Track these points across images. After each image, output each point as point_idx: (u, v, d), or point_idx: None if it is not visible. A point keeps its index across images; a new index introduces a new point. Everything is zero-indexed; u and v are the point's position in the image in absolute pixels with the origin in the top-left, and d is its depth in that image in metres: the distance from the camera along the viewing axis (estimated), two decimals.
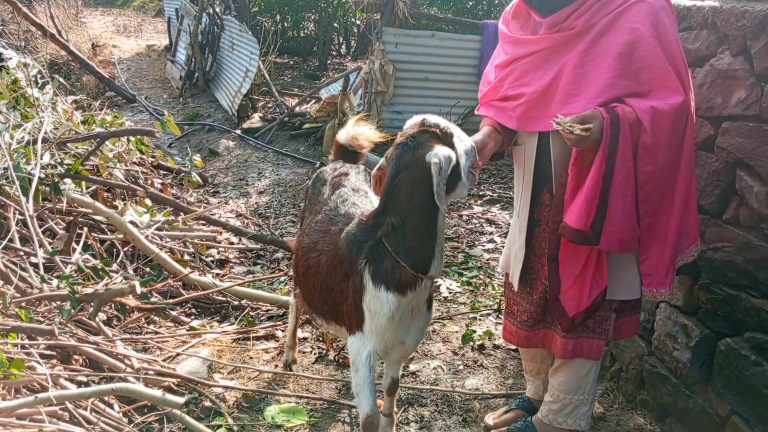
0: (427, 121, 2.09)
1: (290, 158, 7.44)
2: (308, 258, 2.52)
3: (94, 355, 2.66)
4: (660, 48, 2.06)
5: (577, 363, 2.45)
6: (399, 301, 2.15)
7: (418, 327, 2.30)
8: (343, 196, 2.64)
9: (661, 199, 2.18)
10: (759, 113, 2.27)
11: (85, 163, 4.40)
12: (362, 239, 2.21)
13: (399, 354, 2.40)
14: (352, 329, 2.32)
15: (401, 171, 2.04)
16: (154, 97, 10.57)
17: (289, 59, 13.48)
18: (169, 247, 4.24)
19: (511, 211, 5.88)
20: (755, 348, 2.33)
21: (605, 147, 2.04)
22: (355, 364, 2.31)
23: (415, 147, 2.03)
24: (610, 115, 2.03)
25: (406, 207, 2.05)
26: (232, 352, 3.39)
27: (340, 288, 2.33)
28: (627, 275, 2.30)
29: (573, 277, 2.27)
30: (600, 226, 2.10)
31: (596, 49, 2.11)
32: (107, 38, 14.48)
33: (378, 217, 2.14)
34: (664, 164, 2.11)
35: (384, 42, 7.15)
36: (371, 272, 2.16)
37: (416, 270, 2.10)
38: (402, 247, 2.09)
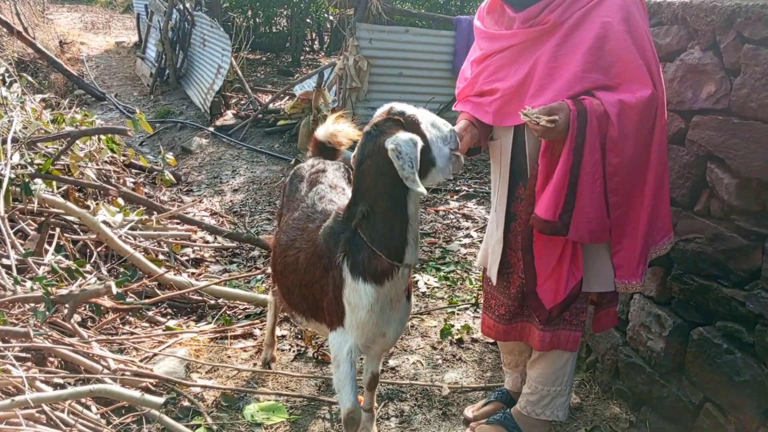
0: (393, 109, 2.10)
1: (265, 155, 7.39)
2: (286, 256, 2.51)
3: (70, 357, 2.62)
4: (631, 42, 2.10)
5: (555, 355, 2.48)
6: (377, 292, 2.16)
7: (398, 318, 2.32)
8: (321, 193, 2.64)
9: (631, 192, 2.22)
10: (728, 107, 2.32)
11: (56, 163, 4.33)
12: (339, 232, 2.22)
13: (380, 347, 2.41)
14: (333, 325, 2.32)
15: (365, 159, 2.06)
16: (124, 95, 10.41)
17: (262, 55, 13.38)
18: (144, 247, 4.19)
19: (487, 206, 5.93)
20: (727, 337, 2.39)
21: (572, 138, 2.07)
22: (336, 360, 2.32)
23: (378, 135, 2.04)
24: (577, 107, 2.06)
25: (373, 194, 2.07)
26: (209, 352, 3.36)
27: (320, 284, 2.33)
28: (602, 267, 2.34)
29: (549, 269, 2.30)
30: (569, 217, 2.14)
31: (569, 44, 2.14)
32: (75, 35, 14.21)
33: (350, 207, 2.17)
34: (632, 157, 2.15)
35: (358, 38, 7.13)
36: (349, 265, 2.17)
37: (391, 258, 2.11)
38: (375, 235, 2.10)
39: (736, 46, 2.28)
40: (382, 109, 2.14)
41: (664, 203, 2.32)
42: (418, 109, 2.14)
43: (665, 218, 2.34)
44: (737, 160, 2.28)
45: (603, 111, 2.07)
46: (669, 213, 2.36)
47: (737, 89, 2.28)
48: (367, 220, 2.11)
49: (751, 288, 2.27)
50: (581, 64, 2.11)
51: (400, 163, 1.93)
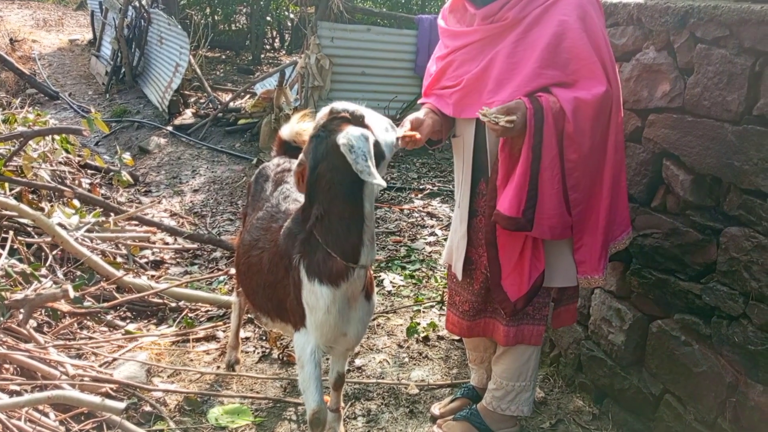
0: (335, 108, 2.10)
1: (226, 155, 7.29)
2: (250, 256, 2.48)
3: (27, 363, 2.54)
4: (587, 40, 2.13)
5: (519, 350, 2.51)
6: (333, 294, 2.14)
7: (358, 317, 2.29)
8: (285, 193, 2.62)
9: (591, 188, 2.26)
10: (683, 105, 2.38)
11: (8, 164, 4.20)
12: (296, 233, 2.20)
13: (343, 347, 2.40)
14: (297, 325, 2.31)
15: (320, 162, 2.04)
16: (78, 94, 10.16)
17: (221, 53, 13.21)
18: (101, 250, 4.09)
19: (451, 204, 5.97)
20: (684, 329, 2.45)
21: (530, 136, 2.11)
22: (300, 361, 2.30)
23: (327, 135, 2.03)
24: (534, 105, 2.10)
25: (328, 196, 2.05)
26: (171, 355, 3.31)
27: (283, 284, 2.31)
28: (564, 263, 2.38)
29: (513, 263, 2.32)
30: (532, 213, 2.17)
31: (527, 41, 2.18)
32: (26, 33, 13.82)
33: (305, 209, 2.15)
34: (588, 153, 2.18)
35: (319, 36, 7.10)
36: (305, 266, 2.16)
37: (346, 259, 2.10)
38: (330, 237, 2.09)
39: (690, 46, 2.34)
40: (323, 112, 2.13)
41: (622, 199, 2.36)
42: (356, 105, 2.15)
43: (623, 214, 2.39)
44: (692, 157, 2.34)
45: (559, 108, 2.11)
46: (627, 208, 2.41)
47: (691, 88, 2.34)
48: (321, 222, 2.08)
49: (707, 281, 2.33)
50: (539, 61, 2.14)
51: (353, 157, 1.92)
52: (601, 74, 2.14)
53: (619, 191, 2.34)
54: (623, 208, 2.38)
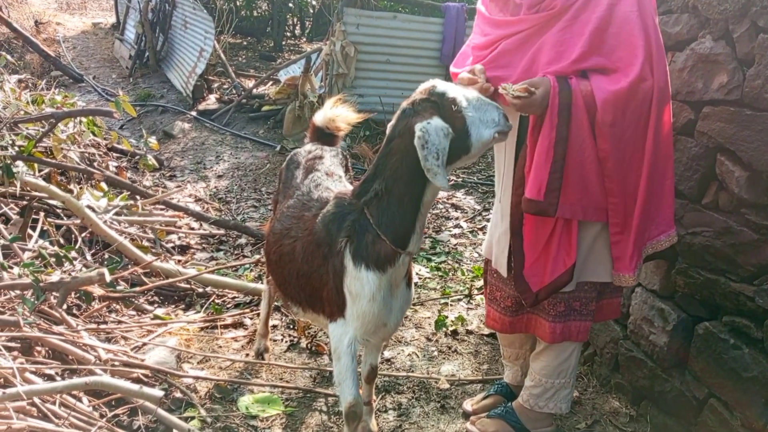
0: (435, 88, 2.01)
1: (249, 141, 7.25)
2: (281, 245, 2.42)
3: (61, 347, 2.51)
4: (638, 24, 2.04)
5: (560, 346, 2.44)
6: (380, 280, 2.10)
7: (399, 306, 2.26)
8: (317, 181, 2.56)
9: (625, 181, 2.17)
10: (741, 98, 2.28)
11: (37, 145, 4.17)
12: (343, 216, 2.15)
13: (381, 337, 2.35)
14: (333, 316, 2.25)
15: (395, 138, 2.00)
16: (102, 77, 10.15)
17: (243, 40, 13.16)
18: (129, 233, 4.07)
19: (476, 196, 5.90)
20: (734, 332, 2.37)
21: (554, 114, 2.05)
22: (336, 352, 2.24)
23: (411, 115, 1.97)
24: (560, 84, 2.04)
25: (394, 175, 2.01)
26: (200, 341, 3.27)
27: (319, 273, 2.25)
28: (605, 257, 2.30)
29: (536, 253, 2.26)
30: (555, 197, 2.10)
31: (573, 28, 2.10)
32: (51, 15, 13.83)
33: (366, 182, 2.09)
34: (621, 144, 2.10)
35: (345, 23, 7.01)
36: (352, 251, 2.10)
37: (395, 244, 2.06)
38: (383, 218, 2.05)
39: (750, 36, 2.24)
40: (424, 85, 2.05)
41: (666, 197, 2.26)
42: (464, 89, 2.05)
43: (666, 213, 2.29)
44: (749, 152, 2.25)
45: (590, 91, 2.04)
46: (671, 207, 2.29)
47: (750, 80, 2.24)
48: (378, 200, 2.05)
49: (761, 283, 2.24)
50: (584, 47, 2.07)
51: (424, 153, 1.87)
52: (638, 63, 2.05)
53: (663, 189, 2.24)
54: (666, 207, 2.28)
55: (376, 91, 7.25)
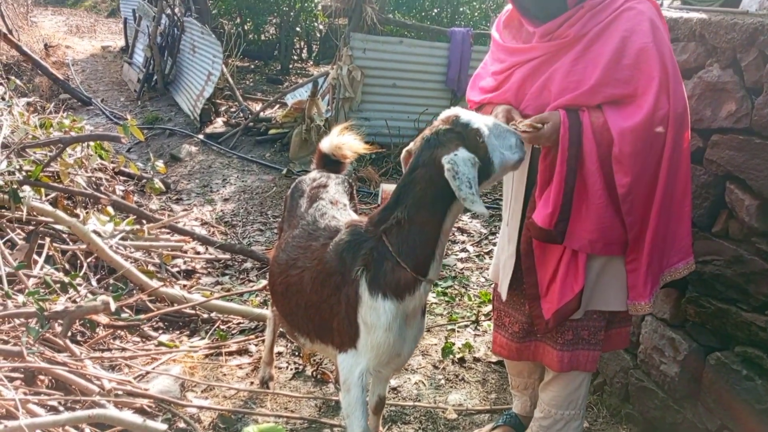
0: (458, 119, 2.03)
1: (256, 164, 7.27)
2: (288, 276, 2.39)
3: (64, 377, 2.48)
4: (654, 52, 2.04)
5: (569, 376, 2.40)
6: (397, 309, 2.08)
7: (413, 335, 2.23)
8: (322, 210, 2.54)
9: (646, 211, 2.15)
10: (750, 126, 2.27)
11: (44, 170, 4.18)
12: (358, 244, 2.13)
13: (394, 367, 2.32)
14: (344, 346, 2.21)
15: (419, 167, 2.02)
16: (110, 100, 10.23)
17: (250, 63, 13.25)
18: (135, 258, 4.06)
19: (482, 221, 5.87)
20: (746, 362, 2.33)
21: (564, 149, 2.06)
22: (346, 384, 2.21)
23: (436, 146, 1.99)
24: (570, 119, 2.04)
25: (417, 203, 2.02)
26: (204, 369, 3.24)
27: (329, 304, 2.22)
28: (621, 286, 2.27)
29: (549, 278, 2.24)
30: (564, 226, 2.12)
31: (587, 58, 2.09)
32: (60, 39, 14.00)
33: (386, 210, 2.09)
34: (641, 174, 2.08)
35: (352, 47, 7.05)
36: (368, 279, 2.08)
37: (416, 272, 2.05)
38: (404, 246, 2.04)
39: (758, 65, 2.24)
40: (446, 113, 2.08)
41: (683, 224, 2.24)
42: (484, 117, 2.07)
43: (683, 240, 2.26)
44: (759, 180, 2.23)
45: (602, 124, 2.04)
46: (689, 236, 2.27)
47: (759, 108, 2.23)
48: (399, 228, 2.04)
49: None
50: (599, 78, 2.06)
51: (457, 183, 1.89)
52: (653, 93, 2.04)
53: (682, 216, 2.22)
54: (684, 234, 2.25)
55: (382, 114, 7.27)
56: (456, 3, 10.98)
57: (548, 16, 2.12)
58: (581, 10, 2.10)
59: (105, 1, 21.67)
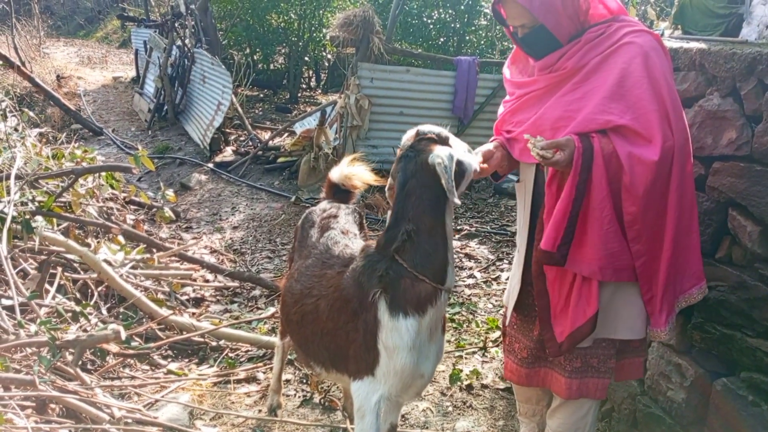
0: (421, 130, 2.17)
1: (265, 192, 7.34)
2: (303, 305, 2.40)
3: (75, 405, 2.51)
4: (648, 87, 2.08)
5: (577, 403, 2.40)
6: (419, 325, 2.09)
7: (435, 352, 2.23)
8: (334, 239, 2.57)
9: (653, 240, 2.18)
10: (750, 153, 2.30)
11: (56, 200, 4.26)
12: (374, 263, 2.15)
13: (416, 391, 2.30)
14: (360, 374, 2.19)
15: (409, 179, 2.08)
16: (121, 130, 10.40)
17: (259, 92, 13.45)
18: (144, 287, 4.10)
19: (489, 246, 5.89)
20: (752, 388, 2.33)
21: (576, 174, 2.08)
22: (361, 410, 2.18)
23: (417, 155, 2.09)
24: (583, 144, 2.07)
25: (418, 212, 2.07)
26: (212, 397, 3.26)
27: (345, 330, 2.22)
28: (630, 314, 2.27)
29: (562, 302, 2.25)
30: (566, 249, 2.14)
31: (584, 88, 2.15)
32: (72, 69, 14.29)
33: (390, 231, 2.12)
34: (648, 206, 2.11)
35: (359, 77, 7.16)
36: (388, 301, 2.10)
37: (435, 280, 2.08)
38: (418, 257, 2.08)
39: (758, 93, 2.27)
40: (409, 134, 2.20)
41: (693, 250, 2.25)
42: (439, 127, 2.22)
43: (695, 266, 2.28)
44: (761, 207, 2.25)
45: (612, 151, 2.06)
46: (699, 261, 2.28)
47: (759, 136, 2.26)
48: (409, 242, 2.08)
49: None
50: (595, 107, 2.11)
51: (446, 176, 2.00)
52: (657, 128, 2.08)
53: (690, 242, 2.23)
54: (695, 260, 2.27)
55: (389, 142, 7.35)
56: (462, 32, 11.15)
57: (540, 53, 2.22)
58: (578, 44, 2.17)
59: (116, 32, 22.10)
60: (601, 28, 2.18)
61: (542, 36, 2.19)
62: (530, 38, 2.22)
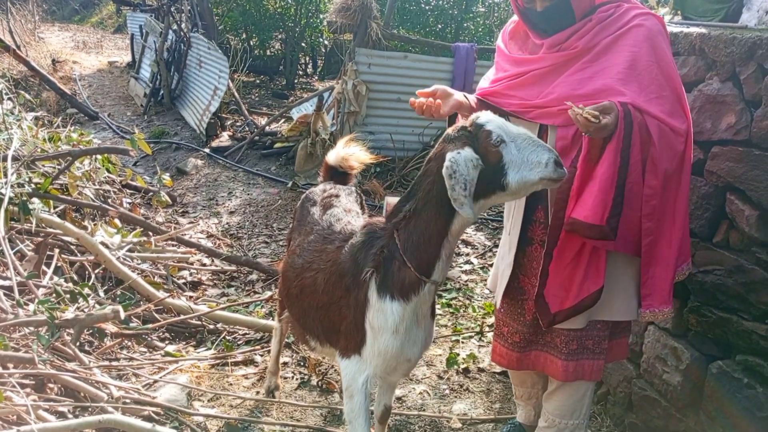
0: (478, 119, 1.98)
1: (261, 178, 7.32)
2: (303, 278, 2.41)
3: (74, 384, 2.52)
4: (659, 72, 2.09)
5: (573, 386, 2.42)
6: (404, 310, 2.07)
7: (422, 338, 2.21)
8: (337, 215, 2.56)
9: (663, 218, 2.17)
10: (749, 138, 2.31)
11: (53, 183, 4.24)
12: (371, 243, 2.13)
13: (402, 372, 2.31)
14: (348, 352, 2.22)
15: (431, 159, 2.02)
16: (117, 115, 10.33)
17: (256, 78, 13.37)
18: (141, 269, 4.10)
19: (486, 233, 5.90)
20: (747, 371, 2.35)
21: (619, 140, 2.00)
22: (349, 390, 2.22)
23: (447, 141, 1.99)
24: (624, 108, 2.00)
25: (425, 197, 2.01)
26: (210, 379, 3.27)
27: (338, 306, 2.23)
28: (625, 296, 2.29)
29: (561, 274, 2.22)
30: (616, 221, 2.04)
31: (595, 68, 2.15)
32: (67, 54, 14.16)
33: (401, 202, 2.08)
34: (666, 181, 2.11)
35: (357, 63, 7.13)
36: (378, 281, 2.08)
37: (419, 271, 2.03)
38: (409, 243, 2.03)
39: (757, 78, 2.28)
40: (475, 115, 2.02)
41: (687, 229, 2.29)
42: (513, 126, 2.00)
43: (687, 245, 2.32)
44: (758, 191, 2.27)
45: (642, 120, 2.02)
46: (689, 239, 2.32)
47: (758, 121, 2.27)
48: (407, 223, 2.04)
49: None
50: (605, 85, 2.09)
51: (451, 182, 1.86)
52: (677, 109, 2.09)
53: (685, 221, 2.26)
54: (686, 238, 2.30)
55: (386, 128, 7.33)
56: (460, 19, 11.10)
57: (556, 29, 2.18)
58: (589, 23, 2.16)
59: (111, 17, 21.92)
60: (610, 7, 2.17)
61: (561, 10, 2.16)
62: (550, 12, 2.18)
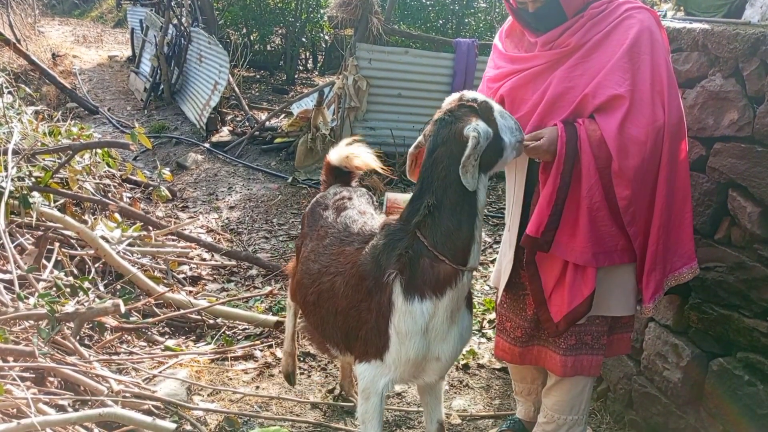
0: (465, 96, 2.04)
1: (261, 173, 7.32)
2: (320, 283, 2.32)
3: (74, 378, 2.51)
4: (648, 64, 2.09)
5: (572, 381, 2.42)
6: (435, 308, 2.00)
7: (458, 333, 2.12)
8: (352, 217, 2.48)
9: (647, 221, 2.20)
10: (752, 134, 2.30)
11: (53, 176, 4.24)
12: (393, 242, 2.04)
13: (435, 374, 2.18)
14: (367, 357, 2.12)
15: (438, 146, 1.97)
16: (117, 109, 10.32)
17: (256, 73, 13.35)
18: (141, 264, 4.10)
19: (487, 229, 5.90)
20: (748, 368, 2.35)
21: (560, 163, 2.11)
22: (366, 392, 2.14)
23: (453, 121, 1.98)
24: (568, 132, 2.08)
25: (443, 184, 1.95)
26: (210, 373, 3.27)
27: (358, 310, 2.14)
28: (623, 292, 2.30)
29: (553, 283, 2.26)
30: (551, 236, 2.16)
31: (585, 65, 2.16)
32: (67, 48, 14.13)
33: (413, 202, 2.02)
34: (641, 187, 2.12)
35: (357, 58, 7.11)
36: (403, 283, 2.00)
37: (456, 261, 1.97)
38: (439, 234, 1.96)
39: (760, 74, 2.27)
40: (452, 97, 2.09)
41: (685, 230, 2.27)
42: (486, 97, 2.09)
43: (686, 246, 2.29)
44: (761, 188, 2.26)
45: (599, 137, 2.08)
46: (691, 241, 2.29)
47: (761, 117, 2.26)
48: (431, 217, 1.97)
49: None
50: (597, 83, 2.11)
51: (471, 152, 1.88)
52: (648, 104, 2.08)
53: (683, 222, 2.25)
54: (687, 239, 2.28)
55: (387, 124, 7.32)
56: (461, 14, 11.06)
57: (548, 27, 2.19)
58: (581, 20, 2.17)
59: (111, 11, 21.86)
60: (602, 3, 2.18)
61: (553, 10, 2.17)
62: (542, 11, 2.19)
